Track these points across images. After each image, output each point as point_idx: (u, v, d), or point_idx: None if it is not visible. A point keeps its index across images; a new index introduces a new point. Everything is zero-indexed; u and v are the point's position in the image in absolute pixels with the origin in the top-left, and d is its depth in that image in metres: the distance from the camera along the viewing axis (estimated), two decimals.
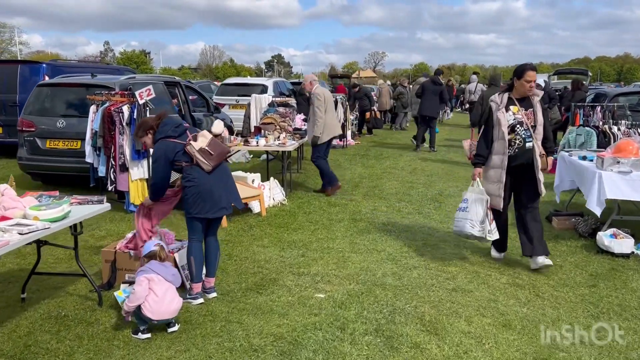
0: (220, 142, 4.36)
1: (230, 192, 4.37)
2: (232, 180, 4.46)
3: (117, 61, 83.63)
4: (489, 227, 5.01)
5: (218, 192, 4.21)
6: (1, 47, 76.86)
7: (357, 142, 15.69)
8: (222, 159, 4.27)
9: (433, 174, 10.31)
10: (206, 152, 4.13)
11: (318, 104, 8.00)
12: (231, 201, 4.37)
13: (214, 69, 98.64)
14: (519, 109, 4.93)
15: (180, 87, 10.14)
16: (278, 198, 7.84)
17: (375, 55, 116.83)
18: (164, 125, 4.25)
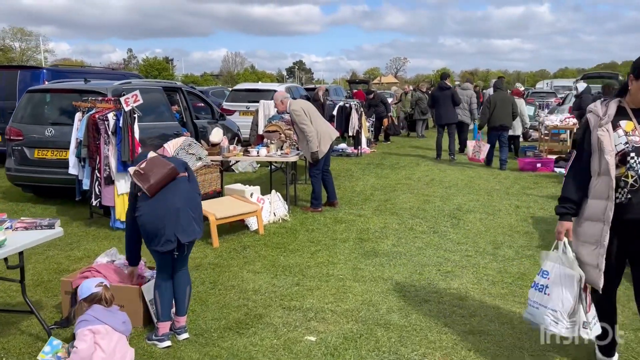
0: (162, 160, 3.65)
1: (177, 222, 3.54)
2: (185, 207, 3.60)
3: (140, 68, 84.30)
4: (585, 319, 3.11)
5: (161, 221, 3.51)
6: (27, 54, 78.16)
7: (373, 150, 14.97)
8: (164, 181, 3.56)
9: (451, 185, 9.54)
10: (139, 174, 3.53)
11: (300, 119, 7.26)
12: (176, 233, 3.54)
13: (234, 75, 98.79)
14: (636, 125, 3.03)
15: (181, 93, 9.56)
16: (280, 213, 7.18)
17: (397, 60, 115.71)
18: None
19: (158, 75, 79.04)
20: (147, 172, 3.48)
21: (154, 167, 3.53)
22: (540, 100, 26.32)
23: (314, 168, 7.51)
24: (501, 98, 11.54)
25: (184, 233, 3.56)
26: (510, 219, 7.12)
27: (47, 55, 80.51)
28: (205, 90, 20.18)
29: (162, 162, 3.61)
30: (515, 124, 12.20)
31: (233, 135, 11.19)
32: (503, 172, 10.94)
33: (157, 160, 3.61)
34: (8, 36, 77.74)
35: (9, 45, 78.19)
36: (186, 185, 3.68)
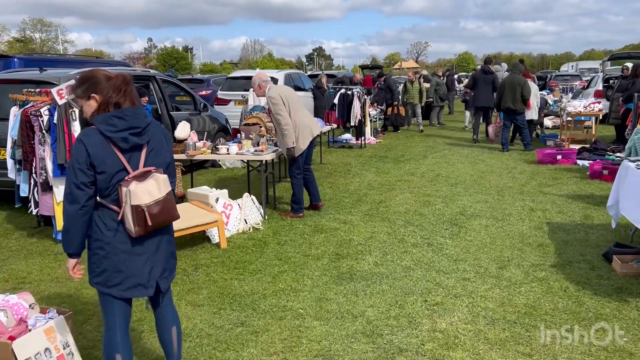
0: (172, 203, 2.70)
1: (156, 264, 2.72)
2: (166, 244, 2.79)
3: (158, 57, 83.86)
4: None
5: (139, 260, 2.65)
6: (47, 45, 78.35)
7: (380, 140, 13.88)
8: (163, 226, 2.71)
9: (458, 182, 8.44)
10: (142, 216, 2.55)
11: (276, 109, 6.23)
12: (155, 278, 2.72)
13: (253, 63, 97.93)
14: None
15: (155, 82, 8.60)
16: (252, 220, 6.21)
17: (418, 45, 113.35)
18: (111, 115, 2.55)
19: (176, 64, 78.70)
20: (155, 218, 2.58)
21: (164, 214, 2.63)
22: (564, 84, 24.85)
23: (293, 167, 6.51)
24: (510, 81, 11.27)
25: (163, 275, 2.76)
26: (522, 225, 6.03)
27: (66, 45, 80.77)
28: (207, 79, 19.26)
29: (172, 208, 2.70)
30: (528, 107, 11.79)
31: (220, 127, 10.24)
32: (518, 166, 9.77)
33: (168, 204, 2.66)
34: (28, 27, 78.10)
35: (30, 36, 78.61)
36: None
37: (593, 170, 8.39)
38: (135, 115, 2.57)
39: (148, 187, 2.55)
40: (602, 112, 11.28)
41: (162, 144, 2.72)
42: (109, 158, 2.51)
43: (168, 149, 2.76)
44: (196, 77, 19.52)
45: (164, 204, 2.59)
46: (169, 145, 2.78)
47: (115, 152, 2.52)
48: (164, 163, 2.70)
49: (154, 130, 2.68)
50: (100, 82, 2.57)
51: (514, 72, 11.86)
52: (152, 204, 2.54)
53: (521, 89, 11.11)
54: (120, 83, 2.57)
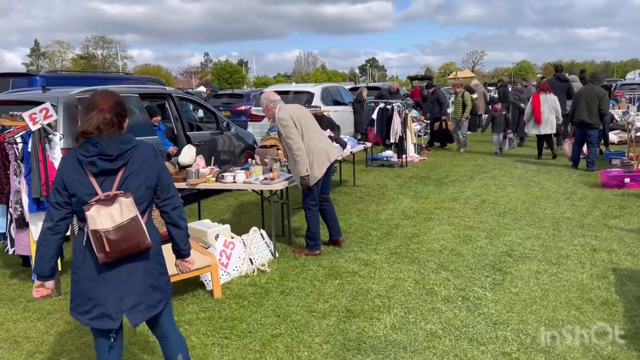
0: (138, 229, 2.53)
1: (127, 296, 2.58)
2: (143, 275, 2.63)
3: (212, 71, 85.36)
4: None
5: (105, 289, 2.56)
6: (108, 61, 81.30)
7: (424, 158, 12.83)
8: (129, 253, 2.54)
9: (507, 211, 7.34)
10: (101, 241, 2.47)
11: (287, 132, 5.40)
12: (123, 309, 2.58)
13: (305, 75, 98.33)
14: None
15: (171, 100, 7.97)
16: (260, 258, 5.39)
17: (474, 54, 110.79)
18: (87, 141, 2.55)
19: (229, 77, 79.81)
20: (113, 245, 2.47)
21: (124, 240, 2.50)
22: (631, 94, 22.99)
23: (308, 198, 5.65)
24: (588, 91, 10.25)
25: (136, 308, 2.61)
26: (582, 273, 4.93)
27: (126, 61, 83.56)
28: (247, 93, 18.73)
29: (137, 233, 2.53)
30: (551, 120, 11.41)
31: (247, 147, 9.52)
32: (579, 190, 8.54)
33: (130, 229, 2.51)
34: (91, 44, 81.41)
35: (92, 53, 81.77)
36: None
37: None
38: (107, 143, 2.52)
39: (111, 211, 2.47)
40: None
41: (143, 167, 2.61)
42: (80, 181, 2.51)
43: (154, 171, 2.66)
44: (236, 92, 19.01)
45: (127, 230, 2.48)
46: (155, 168, 2.66)
47: (88, 176, 2.51)
48: (142, 187, 2.60)
49: (135, 153, 2.60)
50: (82, 111, 2.60)
51: (593, 82, 10.65)
52: (112, 230, 2.45)
53: (599, 101, 10.08)
54: (91, 112, 2.54)
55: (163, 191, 2.70)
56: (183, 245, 2.85)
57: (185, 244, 2.86)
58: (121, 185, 2.55)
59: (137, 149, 2.61)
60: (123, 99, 2.71)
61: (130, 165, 2.58)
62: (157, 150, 2.76)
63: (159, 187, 2.68)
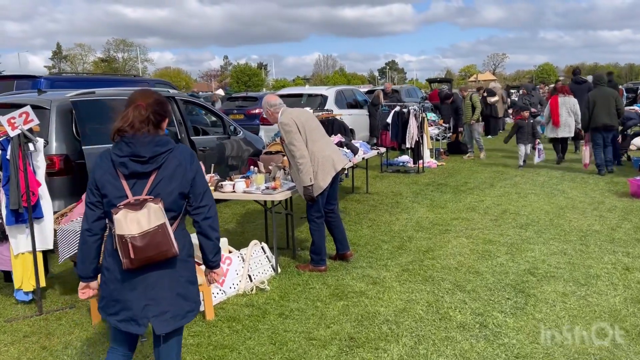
0: (165, 237, 2.43)
1: (152, 302, 2.50)
2: (170, 282, 2.54)
3: (232, 74, 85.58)
4: None
5: (132, 294, 2.50)
6: (129, 64, 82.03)
7: (442, 163, 12.33)
8: (154, 261, 2.45)
9: (529, 222, 6.84)
10: (126, 246, 2.39)
11: (289, 137, 4.99)
12: (149, 316, 2.50)
13: (324, 78, 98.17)
14: None
15: (175, 103, 7.61)
16: (260, 275, 4.99)
17: (495, 57, 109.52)
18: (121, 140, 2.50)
19: (248, 80, 79.92)
20: (138, 251, 2.39)
21: (150, 247, 2.41)
22: None
23: (312, 209, 5.23)
24: (602, 94, 10.05)
25: (161, 317, 2.52)
26: (614, 296, 4.43)
27: (146, 64, 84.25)
28: (261, 96, 18.39)
29: (163, 241, 2.43)
30: (569, 123, 11.16)
31: (256, 152, 9.12)
32: (607, 200, 7.99)
33: (157, 236, 2.42)
34: (112, 48, 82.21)
35: (113, 56, 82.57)
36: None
37: None
38: (141, 143, 2.44)
39: (139, 217, 2.39)
40: None
41: (177, 172, 2.51)
42: (112, 183, 2.46)
43: (188, 177, 2.54)
44: (250, 95, 18.67)
45: (152, 238, 2.39)
46: (189, 174, 2.55)
47: (120, 177, 2.46)
48: (174, 193, 2.50)
49: (170, 157, 2.50)
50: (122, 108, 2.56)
51: (601, 84, 10.32)
52: (138, 236, 2.37)
53: (615, 101, 10.02)
54: (128, 109, 2.51)
55: (196, 199, 2.58)
56: (212, 257, 2.73)
57: (214, 255, 2.73)
58: (152, 190, 2.46)
59: (172, 152, 2.51)
60: (163, 99, 2.62)
61: (163, 169, 2.48)
62: (194, 155, 2.64)
63: (192, 194, 2.57)
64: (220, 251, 2.77)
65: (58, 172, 5.69)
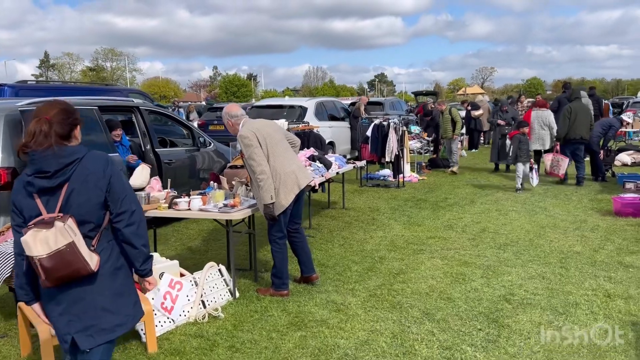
0: (75, 255, 2.32)
1: (75, 318, 2.43)
2: (92, 296, 2.45)
3: (220, 84, 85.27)
4: None
5: (57, 309, 2.44)
6: (117, 74, 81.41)
7: (423, 177, 12.03)
8: (70, 279, 2.36)
9: (509, 242, 6.52)
10: (37, 267, 2.31)
11: (249, 152, 4.63)
12: (71, 332, 2.42)
13: (313, 89, 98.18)
14: None
15: (139, 113, 7.24)
16: (215, 300, 4.61)
17: (483, 70, 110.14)
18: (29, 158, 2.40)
19: (237, 91, 79.63)
20: (47, 271, 2.31)
21: (59, 266, 2.31)
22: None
23: (274, 230, 4.87)
24: (582, 107, 10.52)
25: (85, 332, 2.43)
26: (595, 327, 4.10)
27: (134, 74, 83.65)
28: (244, 106, 18.05)
29: (73, 259, 2.33)
30: (542, 136, 10.96)
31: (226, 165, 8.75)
32: (590, 219, 7.70)
33: (65, 254, 2.31)
34: (100, 57, 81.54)
35: (102, 65, 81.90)
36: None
37: None
38: (44, 158, 2.35)
39: (48, 236, 2.29)
40: None
41: (89, 181, 2.40)
42: (27, 203, 2.39)
43: (102, 185, 2.42)
44: None
45: (61, 258, 2.29)
46: (102, 181, 2.42)
47: (34, 196, 2.38)
48: (88, 203, 2.40)
49: (79, 167, 2.39)
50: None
51: (578, 97, 10.84)
52: (46, 257, 2.28)
53: (591, 117, 10.56)
54: (31, 123, 2.41)
55: (115, 205, 2.45)
56: (140, 265, 2.59)
57: (143, 263, 2.59)
58: (65, 204, 2.37)
59: (82, 161, 2.40)
60: (69, 108, 2.50)
61: (73, 180, 2.38)
62: (108, 160, 2.50)
63: (110, 201, 2.45)
64: (150, 258, 2.64)
65: (4, 186, 5.32)
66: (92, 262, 2.36)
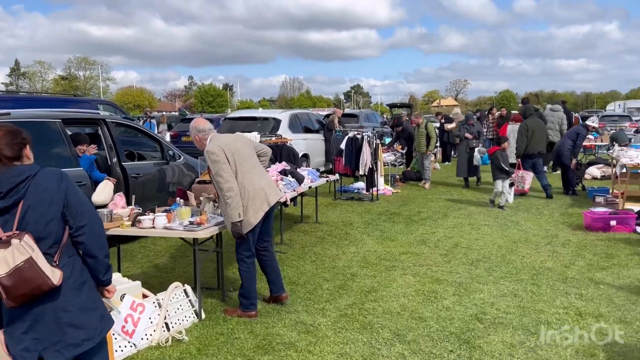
0: (35, 272, 2.32)
1: (42, 336, 2.43)
2: (56, 313, 2.44)
3: (195, 95, 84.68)
4: None
5: (21, 328, 2.42)
6: (90, 83, 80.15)
7: (397, 190, 12.00)
8: (32, 296, 2.36)
9: (481, 258, 6.49)
10: None
11: (216, 168, 4.50)
12: (38, 349, 2.42)
13: (289, 100, 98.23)
14: None
15: (105, 126, 7.04)
16: (180, 323, 4.44)
17: (457, 83, 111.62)
18: None
19: (212, 101, 79.14)
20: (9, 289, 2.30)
21: (20, 283, 2.30)
22: (613, 125, 22.61)
23: (241, 248, 4.73)
24: (538, 123, 10.98)
25: (54, 347, 2.42)
26: (565, 347, 4.05)
27: (108, 83, 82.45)
28: (217, 118, 17.88)
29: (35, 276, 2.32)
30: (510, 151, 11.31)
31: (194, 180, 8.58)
32: (561, 233, 7.73)
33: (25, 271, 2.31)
34: (73, 65, 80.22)
35: (74, 74, 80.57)
36: None
37: None
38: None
39: (6, 255, 2.28)
40: None
41: (44, 198, 2.41)
42: None
43: (57, 200, 2.43)
44: (205, 117, 18.13)
45: (20, 275, 2.28)
46: (58, 196, 2.44)
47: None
48: (43, 219, 2.40)
49: (33, 184, 2.40)
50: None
51: (532, 114, 11.42)
52: (5, 276, 2.28)
53: (546, 131, 11.29)
54: None
55: (74, 219, 2.46)
56: (101, 277, 2.62)
57: (105, 274, 2.62)
58: (21, 221, 2.37)
59: (35, 178, 2.40)
60: (14, 129, 2.49)
61: (27, 198, 2.38)
62: (63, 175, 2.51)
63: (69, 215, 2.45)
64: (110, 268, 2.67)
65: None
66: (54, 277, 2.36)
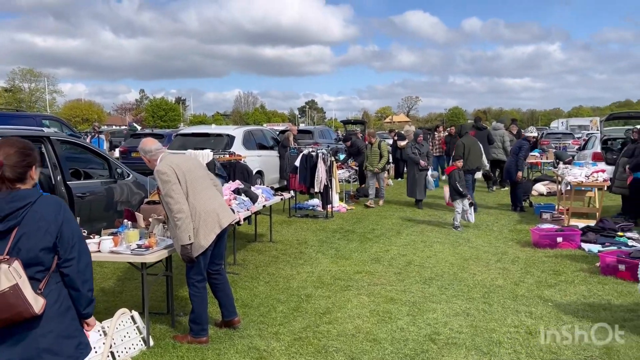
0: (16, 299, 2.30)
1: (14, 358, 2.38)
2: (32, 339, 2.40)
3: (147, 108, 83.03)
4: None
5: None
6: (36, 95, 77.30)
7: (352, 207, 12.03)
8: (11, 322, 2.34)
9: (434, 276, 6.54)
10: None
11: (166, 188, 4.39)
12: None
13: (244, 115, 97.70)
14: None
15: (49, 143, 6.77)
16: (128, 351, 4.26)
17: (409, 99, 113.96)
18: None
19: (164, 115, 77.77)
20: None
21: None
22: (557, 142, 23.49)
23: (192, 272, 4.60)
24: (473, 141, 11.55)
25: None
26: None
27: (55, 96, 79.76)
28: (168, 134, 17.57)
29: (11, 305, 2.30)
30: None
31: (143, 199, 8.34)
32: (510, 250, 7.90)
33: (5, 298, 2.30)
34: (17, 77, 77.27)
35: (19, 86, 77.61)
36: None
37: (605, 264, 6.52)
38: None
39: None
40: (607, 182, 9.56)
41: (40, 227, 2.39)
42: None
43: (52, 230, 2.41)
44: (156, 132, 17.81)
45: (4, 300, 2.27)
46: (53, 226, 2.42)
47: None
48: (36, 248, 2.38)
49: (31, 211, 2.39)
50: None
51: (467, 132, 13.15)
52: None
53: (481, 148, 12.01)
54: None
55: (64, 251, 2.46)
56: (82, 310, 2.60)
57: (85, 308, 2.60)
58: (13, 247, 2.35)
59: (33, 205, 2.40)
60: (26, 148, 2.48)
61: (23, 225, 2.38)
62: (62, 205, 2.52)
63: (60, 246, 2.45)
64: (93, 301, 2.66)
65: None
66: (36, 306, 2.34)
